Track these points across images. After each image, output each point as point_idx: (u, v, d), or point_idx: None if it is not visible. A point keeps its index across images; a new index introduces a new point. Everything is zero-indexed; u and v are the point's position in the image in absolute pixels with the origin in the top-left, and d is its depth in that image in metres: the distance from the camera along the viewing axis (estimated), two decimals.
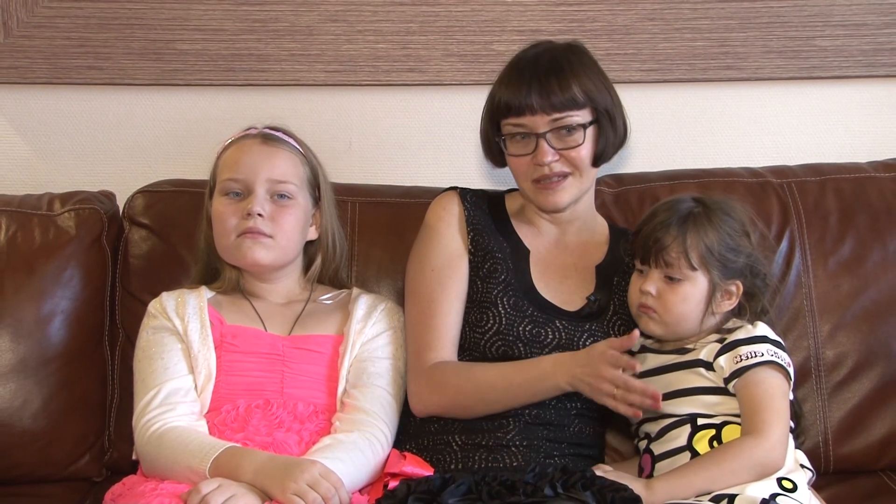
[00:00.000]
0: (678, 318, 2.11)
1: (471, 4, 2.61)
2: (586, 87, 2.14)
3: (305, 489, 1.90)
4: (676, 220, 2.09)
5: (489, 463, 2.07)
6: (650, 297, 2.10)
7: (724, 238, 2.10)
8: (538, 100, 2.12)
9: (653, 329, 2.13)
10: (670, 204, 2.14)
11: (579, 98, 2.14)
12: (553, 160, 2.14)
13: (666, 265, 2.09)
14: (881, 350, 2.38)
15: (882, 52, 2.64)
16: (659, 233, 2.09)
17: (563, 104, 2.13)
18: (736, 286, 2.11)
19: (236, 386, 2.12)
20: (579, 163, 2.16)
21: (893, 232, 2.43)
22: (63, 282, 2.37)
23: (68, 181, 2.60)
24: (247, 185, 2.17)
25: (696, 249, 2.08)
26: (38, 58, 2.61)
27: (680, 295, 2.09)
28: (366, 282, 2.39)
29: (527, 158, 2.16)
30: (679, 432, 2.07)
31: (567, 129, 2.14)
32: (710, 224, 2.09)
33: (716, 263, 2.08)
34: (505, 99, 2.16)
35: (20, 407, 2.31)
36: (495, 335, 2.16)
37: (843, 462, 2.36)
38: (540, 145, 2.14)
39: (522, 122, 2.15)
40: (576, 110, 2.14)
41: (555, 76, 2.13)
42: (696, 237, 2.08)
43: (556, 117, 2.13)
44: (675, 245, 2.08)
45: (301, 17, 2.61)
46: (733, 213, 2.14)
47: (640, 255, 2.12)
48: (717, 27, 2.63)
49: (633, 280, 2.16)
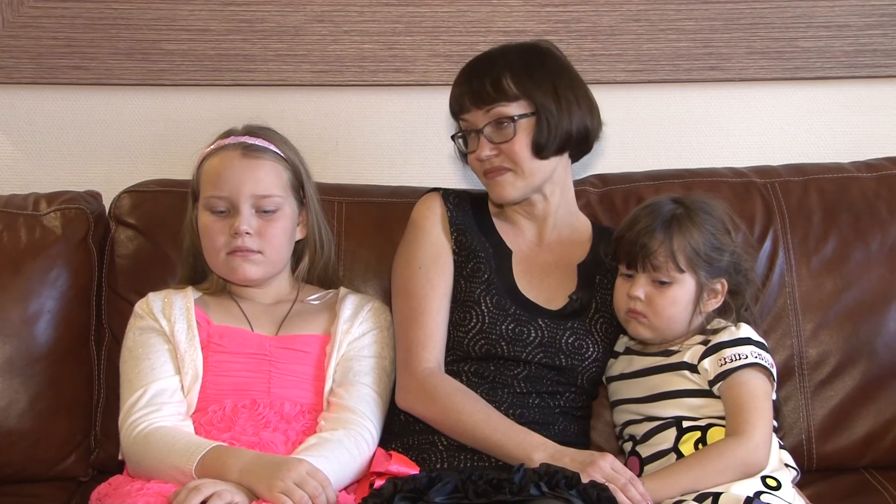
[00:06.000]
0: (668, 322, 2.12)
1: (457, 5, 2.62)
2: (519, 80, 2.15)
3: (292, 487, 1.90)
4: (661, 223, 2.10)
5: (475, 462, 2.08)
6: (639, 302, 2.11)
7: (708, 237, 2.11)
8: (470, 95, 2.16)
9: (642, 333, 2.14)
10: (651, 208, 2.15)
11: (509, 90, 2.15)
12: (490, 154, 2.17)
13: (654, 269, 2.09)
14: (864, 348, 2.39)
15: (864, 53, 2.66)
16: (645, 237, 2.10)
17: (490, 97, 2.15)
18: (721, 284, 2.12)
19: (223, 386, 2.12)
20: (515, 156, 2.16)
21: (875, 231, 2.44)
22: (49, 282, 2.36)
23: (54, 181, 2.59)
24: (231, 203, 2.17)
25: (682, 251, 2.08)
26: (23, 58, 2.61)
27: (669, 298, 2.10)
28: (353, 281, 2.39)
29: (475, 155, 2.19)
30: (665, 435, 2.08)
31: (500, 123, 2.16)
32: (693, 224, 2.10)
33: (702, 263, 2.09)
34: (451, 98, 2.22)
35: (6, 407, 2.30)
36: (478, 334, 2.17)
37: (825, 460, 2.38)
38: (479, 140, 2.17)
39: (466, 118, 2.19)
40: (506, 102, 2.15)
41: (488, 72, 2.17)
42: (681, 239, 2.09)
43: (487, 109, 2.15)
44: (662, 249, 2.08)
45: (287, 17, 2.62)
46: (713, 211, 2.15)
47: (627, 261, 2.13)
48: (701, 28, 2.64)
49: (619, 285, 2.16)
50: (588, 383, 2.21)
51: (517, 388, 2.15)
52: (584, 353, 2.18)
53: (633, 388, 2.16)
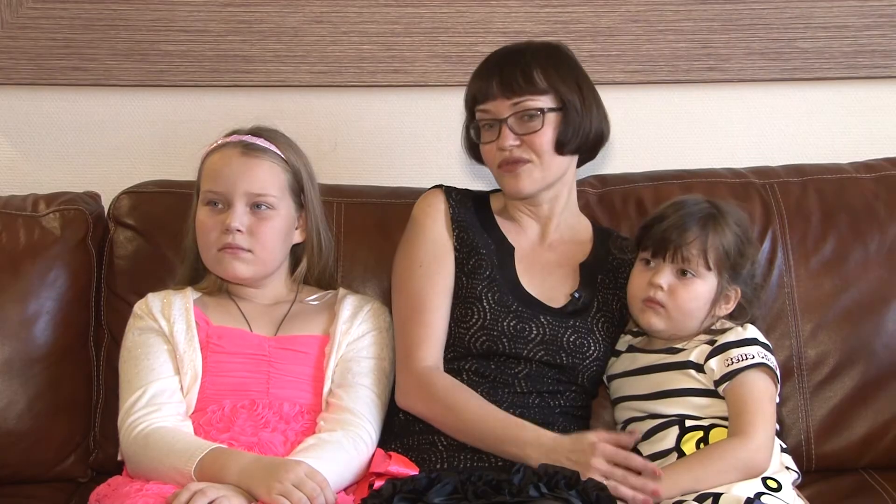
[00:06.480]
0: (685, 316, 2.12)
1: (455, 6, 2.62)
2: (549, 75, 2.17)
3: (291, 489, 1.90)
4: (697, 218, 2.12)
5: (474, 463, 2.08)
6: (660, 291, 2.12)
7: (738, 242, 2.13)
8: (498, 85, 2.17)
9: (656, 324, 2.14)
10: (685, 202, 2.17)
11: (539, 83, 2.16)
12: (513, 144, 2.17)
13: (683, 260, 2.10)
14: (862, 349, 2.40)
15: (863, 54, 2.66)
16: (680, 228, 2.11)
17: (521, 88, 2.16)
18: (735, 292, 2.14)
19: (222, 386, 2.13)
20: (539, 148, 2.17)
21: (874, 232, 2.44)
22: (48, 282, 2.36)
23: (53, 182, 2.59)
24: (226, 199, 2.17)
25: (714, 249, 2.11)
26: (22, 59, 2.61)
27: (692, 292, 2.11)
28: (352, 282, 2.39)
29: (493, 145, 2.20)
30: (667, 433, 2.08)
31: (528, 115, 2.17)
32: (727, 226, 2.13)
33: (728, 266, 2.12)
34: (473, 88, 2.22)
35: (5, 408, 2.30)
36: (480, 330, 2.17)
37: (824, 460, 2.38)
38: (502, 130, 2.17)
39: (487, 108, 2.19)
40: (536, 95, 2.16)
41: (517, 63, 2.18)
42: (716, 238, 2.11)
43: (516, 101, 2.16)
44: (697, 243, 2.10)
45: (286, 18, 2.62)
46: (740, 220, 2.18)
47: (654, 248, 2.13)
48: (700, 29, 2.64)
49: (638, 273, 2.17)
50: (589, 382, 2.21)
51: (518, 388, 2.16)
52: (585, 351, 2.18)
53: (636, 384, 2.16)
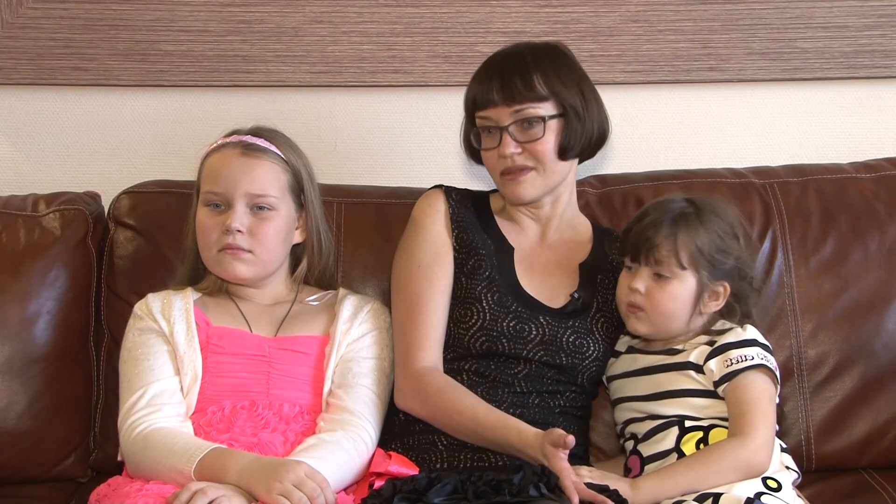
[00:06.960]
0: (665, 317, 2.12)
1: (455, 6, 2.62)
2: (550, 81, 2.16)
3: (291, 489, 1.90)
4: (668, 219, 2.11)
5: (475, 462, 2.08)
6: (638, 294, 2.12)
7: (715, 239, 2.11)
8: (499, 92, 2.16)
9: (639, 328, 2.15)
10: (662, 203, 2.16)
11: (541, 91, 2.15)
12: (515, 152, 2.17)
13: (656, 263, 2.10)
14: (862, 349, 2.40)
15: (863, 54, 2.66)
16: (650, 231, 2.11)
17: (522, 96, 2.15)
18: (723, 287, 2.13)
19: (222, 387, 2.13)
20: (541, 156, 2.17)
21: (874, 232, 2.44)
22: (48, 282, 2.37)
23: (53, 182, 2.59)
24: (226, 199, 2.17)
25: (686, 249, 2.09)
26: (22, 59, 2.61)
27: (668, 293, 2.11)
28: (352, 282, 2.39)
29: (495, 152, 2.19)
30: (667, 434, 2.08)
31: (529, 122, 2.16)
32: (701, 225, 2.11)
33: (705, 264, 2.10)
34: (472, 93, 2.21)
35: (5, 407, 2.30)
36: (479, 331, 2.17)
37: (825, 460, 2.38)
38: (503, 137, 2.16)
39: (488, 114, 2.18)
40: (537, 102, 2.15)
41: (517, 70, 2.16)
42: (687, 237, 2.10)
43: (517, 109, 2.15)
44: (666, 243, 2.09)
45: (286, 18, 2.62)
46: (724, 215, 2.15)
47: (631, 253, 2.14)
48: (700, 29, 2.64)
49: (622, 277, 2.17)
50: (588, 383, 2.21)
51: (517, 388, 2.16)
52: (584, 351, 2.18)
53: (636, 385, 2.16)
